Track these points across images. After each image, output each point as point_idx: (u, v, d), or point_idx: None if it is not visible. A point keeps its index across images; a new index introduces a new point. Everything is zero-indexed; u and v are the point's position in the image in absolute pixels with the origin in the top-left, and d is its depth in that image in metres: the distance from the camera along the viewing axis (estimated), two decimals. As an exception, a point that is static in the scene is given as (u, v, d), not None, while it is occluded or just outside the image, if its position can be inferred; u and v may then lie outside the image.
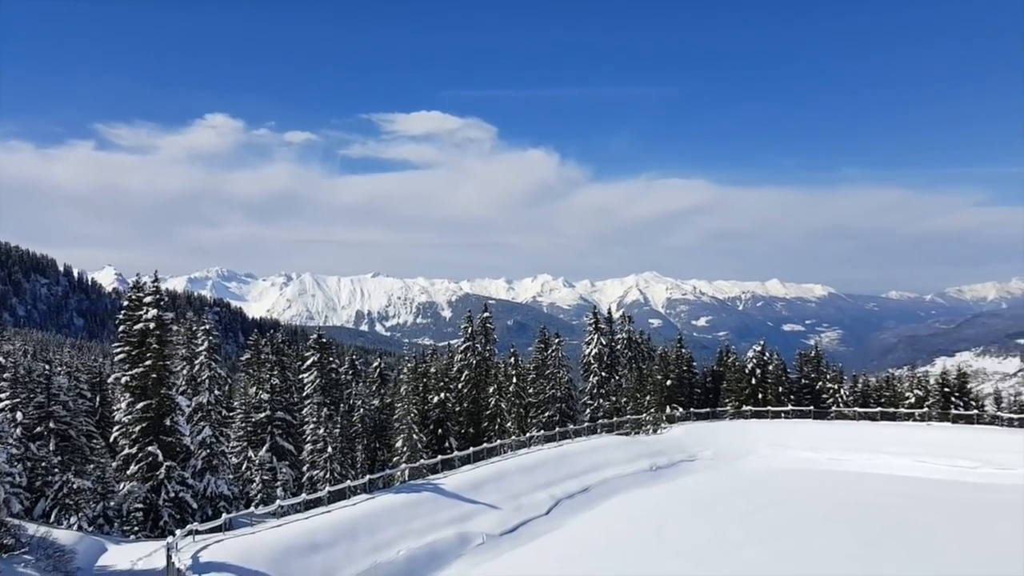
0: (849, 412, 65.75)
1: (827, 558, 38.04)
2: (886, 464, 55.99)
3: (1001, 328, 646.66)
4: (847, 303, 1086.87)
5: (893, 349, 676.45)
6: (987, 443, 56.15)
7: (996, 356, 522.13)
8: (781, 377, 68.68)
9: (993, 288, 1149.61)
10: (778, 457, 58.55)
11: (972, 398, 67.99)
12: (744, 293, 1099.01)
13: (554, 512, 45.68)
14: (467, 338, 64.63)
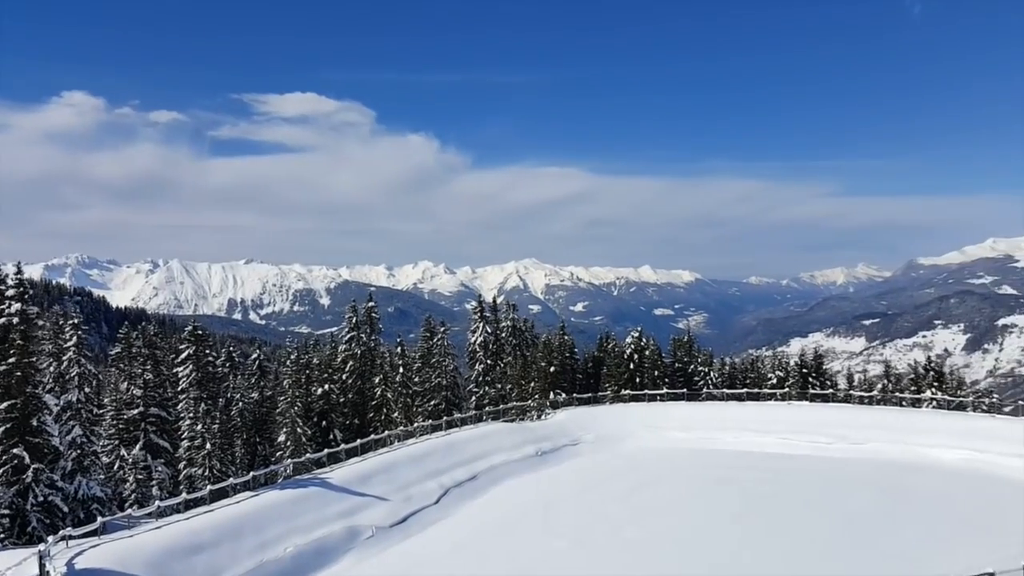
0: (718, 394, 69.70)
1: (701, 534, 40.41)
2: (752, 442, 59.65)
3: (849, 310, 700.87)
4: (712, 288, 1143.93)
5: (753, 331, 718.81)
6: (841, 420, 61.00)
7: (844, 336, 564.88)
8: (657, 362, 71.87)
9: (842, 273, 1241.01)
10: (655, 438, 61.30)
11: (827, 378, 73.60)
12: (618, 279, 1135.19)
13: (444, 501, 46.10)
14: (352, 328, 63.70)
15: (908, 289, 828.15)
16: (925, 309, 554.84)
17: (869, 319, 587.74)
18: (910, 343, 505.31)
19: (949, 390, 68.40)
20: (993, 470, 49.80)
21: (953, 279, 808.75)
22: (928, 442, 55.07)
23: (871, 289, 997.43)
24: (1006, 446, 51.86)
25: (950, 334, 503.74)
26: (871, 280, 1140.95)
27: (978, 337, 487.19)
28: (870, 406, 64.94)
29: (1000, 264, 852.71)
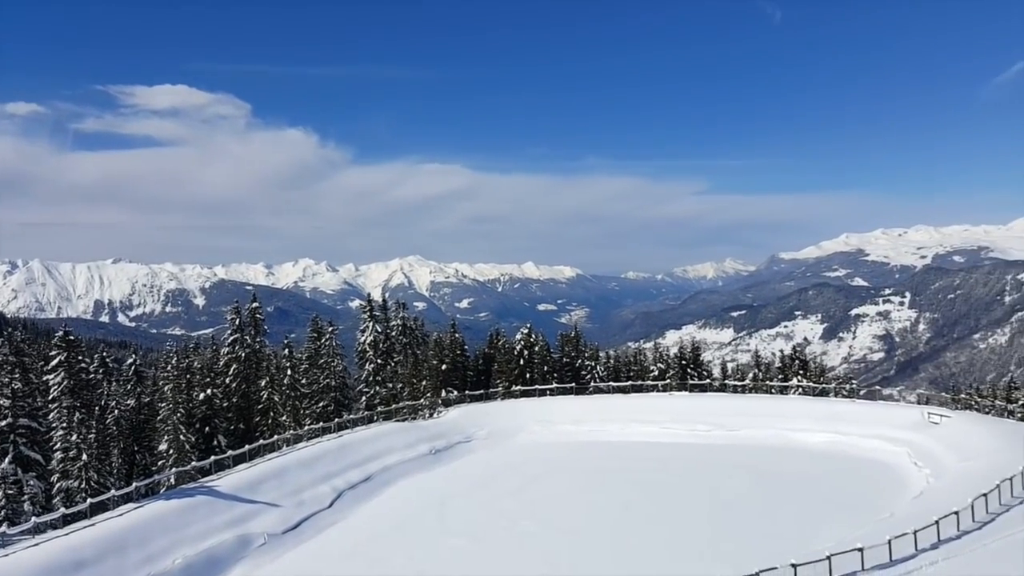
0: (605, 387, 72.01)
1: (594, 522, 41.94)
2: (637, 432, 62.19)
3: (718, 303, 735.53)
4: (592, 283, 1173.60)
5: (631, 324, 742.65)
6: (718, 408, 64.53)
7: (714, 328, 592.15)
8: (546, 357, 73.50)
9: (711, 268, 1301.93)
10: (546, 432, 62.79)
11: (704, 368, 77.51)
12: (503, 275, 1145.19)
13: (337, 504, 45.57)
14: (235, 329, 61.49)
15: (771, 282, 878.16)
16: (786, 301, 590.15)
17: (737, 311, 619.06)
18: (773, 333, 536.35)
19: (813, 377, 73.56)
20: (853, 451, 54.25)
21: (811, 272, 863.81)
22: (796, 427, 59.26)
23: (738, 283, 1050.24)
24: (864, 428, 56.61)
25: (809, 324, 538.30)
26: (738, 274, 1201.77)
27: (834, 326, 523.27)
28: (744, 394, 68.96)
29: (853, 257, 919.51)
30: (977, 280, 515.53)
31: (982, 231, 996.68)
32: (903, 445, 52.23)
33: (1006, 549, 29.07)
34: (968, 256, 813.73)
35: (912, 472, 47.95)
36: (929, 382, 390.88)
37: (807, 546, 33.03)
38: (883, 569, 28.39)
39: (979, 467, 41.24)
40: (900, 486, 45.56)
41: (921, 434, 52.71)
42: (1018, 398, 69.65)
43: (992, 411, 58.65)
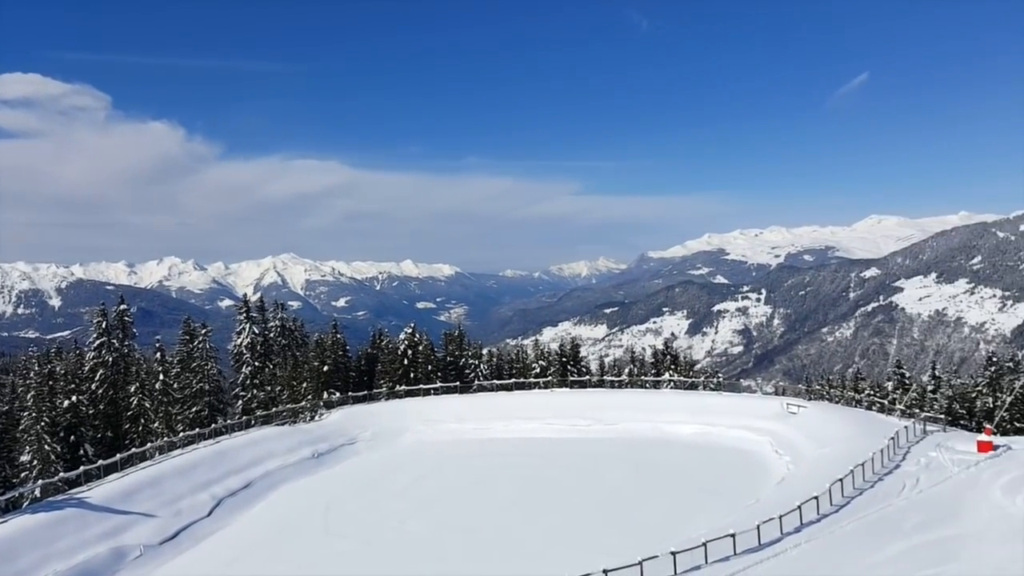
0: (488, 384, 72.98)
1: (482, 519, 42.58)
2: (521, 429, 63.50)
3: (592, 300, 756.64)
4: (471, 281, 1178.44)
5: (509, 322, 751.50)
6: (597, 403, 66.82)
7: (588, 324, 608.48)
8: (430, 356, 73.57)
9: (585, 266, 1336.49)
10: (431, 431, 63.01)
11: (583, 365, 79.90)
12: (381, 273, 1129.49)
13: (217, 512, 44.06)
14: (101, 332, 57.93)
15: (641, 280, 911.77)
16: (655, 298, 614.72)
17: (609, 308, 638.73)
18: (644, 329, 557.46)
19: (684, 372, 77.51)
20: (721, 441, 57.66)
21: (677, 270, 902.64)
22: (669, 419, 62.27)
23: (610, 280, 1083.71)
24: (730, 419, 60.23)
25: (676, 320, 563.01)
26: (610, 272, 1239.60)
27: (698, 321, 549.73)
28: (621, 389, 71.73)
29: (715, 256, 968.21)
30: (825, 278, 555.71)
31: (829, 232, 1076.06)
32: (766, 434, 55.96)
33: (860, 529, 31.97)
34: (817, 255, 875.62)
35: (774, 460, 51.46)
36: (783, 373, 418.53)
37: (683, 533, 34.84)
38: (753, 553, 30.48)
39: (834, 453, 44.89)
40: (764, 473, 48.82)
41: (781, 424, 56.67)
42: (864, 388, 76.20)
43: (842, 401, 63.89)
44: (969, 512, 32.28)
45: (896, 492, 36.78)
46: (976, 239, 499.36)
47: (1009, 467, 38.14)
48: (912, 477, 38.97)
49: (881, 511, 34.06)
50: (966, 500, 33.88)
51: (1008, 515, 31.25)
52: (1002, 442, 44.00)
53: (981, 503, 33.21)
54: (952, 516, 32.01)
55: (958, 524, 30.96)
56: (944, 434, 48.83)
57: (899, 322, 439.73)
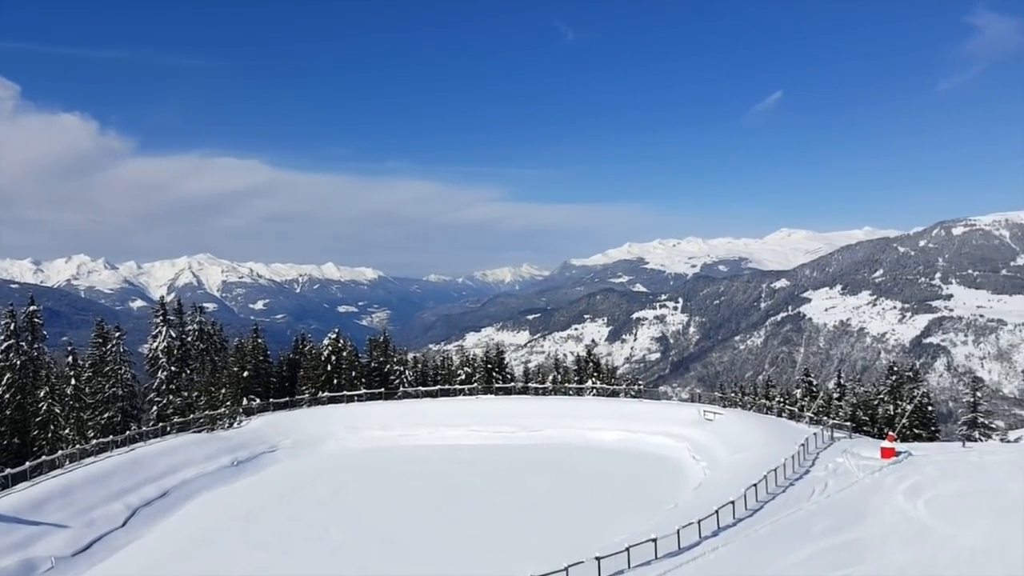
0: (414, 391, 72.69)
1: (406, 527, 42.42)
2: (447, 435, 63.47)
3: (515, 306, 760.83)
4: (395, 285, 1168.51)
5: (432, 327, 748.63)
6: (521, 410, 67.45)
7: (512, 330, 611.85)
8: (354, 362, 72.76)
9: (509, 272, 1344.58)
10: (355, 439, 62.32)
11: (508, 372, 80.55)
12: (301, 276, 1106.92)
13: (132, 522, 42.53)
14: (9, 335, 55.09)
15: (563, 287, 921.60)
16: (577, 305, 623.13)
17: (532, 314, 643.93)
18: (565, 335, 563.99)
19: (605, 379, 79.06)
20: (642, 447, 59.04)
21: (598, 278, 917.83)
22: (592, 426, 63.43)
23: (534, 287, 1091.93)
24: (650, 425, 61.74)
25: (596, 327, 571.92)
26: (533, 279, 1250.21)
27: (618, 328, 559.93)
28: (545, 396, 72.53)
29: (635, 265, 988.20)
30: (738, 288, 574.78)
31: (743, 244, 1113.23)
32: (684, 440, 57.60)
33: (773, 533, 33.47)
34: (731, 266, 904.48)
35: (692, 465, 53.00)
36: (698, 379, 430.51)
37: (607, 538, 35.52)
38: (673, 557, 31.47)
39: (748, 459, 46.70)
40: (682, 478, 50.24)
41: (698, 430, 58.46)
42: (775, 395, 79.45)
43: (754, 408, 66.46)
44: (874, 516, 34.22)
45: (806, 496, 38.60)
46: (879, 253, 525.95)
47: (910, 473, 40.61)
48: (821, 482, 40.96)
49: (792, 515, 35.70)
50: (871, 504, 35.89)
51: (910, 519, 33.31)
52: (903, 448, 46.74)
53: (885, 507, 35.26)
54: (858, 520, 33.87)
55: (864, 527, 32.79)
56: (850, 440, 51.42)
57: (806, 331, 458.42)
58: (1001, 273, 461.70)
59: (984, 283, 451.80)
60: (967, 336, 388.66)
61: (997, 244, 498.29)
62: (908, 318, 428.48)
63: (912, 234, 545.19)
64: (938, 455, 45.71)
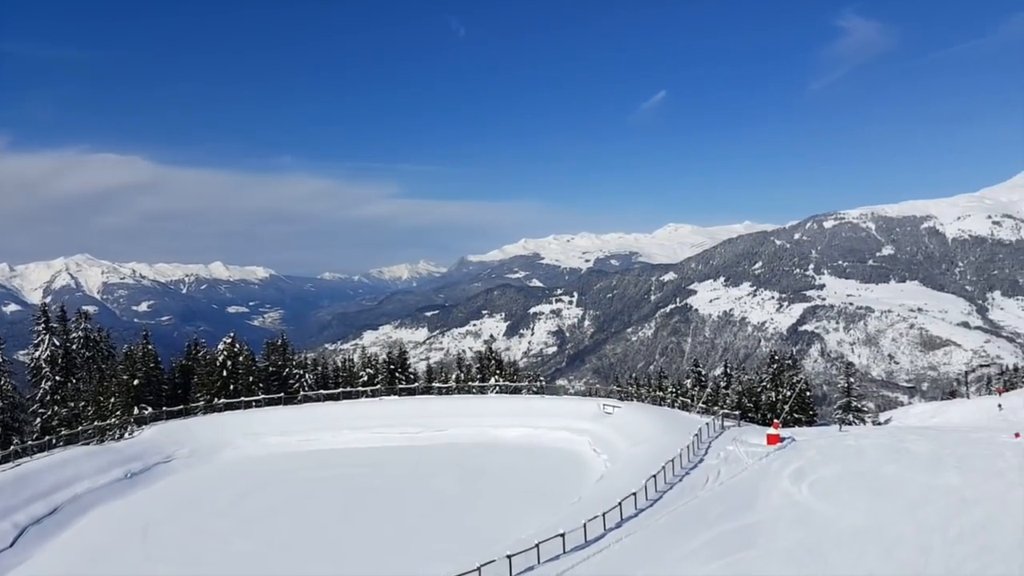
0: (315, 395, 71.58)
1: (311, 535, 41.99)
2: (350, 439, 63.06)
3: (413, 303, 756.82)
4: (287, 284, 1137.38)
5: (328, 326, 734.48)
6: (425, 410, 67.79)
7: (410, 327, 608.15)
8: (251, 367, 70.86)
9: (406, 269, 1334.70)
10: (255, 446, 60.91)
11: (411, 372, 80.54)
12: (188, 276, 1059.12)
13: (21, 542, 40.32)
14: None
15: (461, 283, 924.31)
16: (475, 301, 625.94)
17: (430, 311, 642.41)
18: (464, 331, 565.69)
19: (508, 376, 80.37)
20: (544, 442, 60.60)
21: (495, 274, 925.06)
22: (496, 423, 64.46)
23: (431, 283, 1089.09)
24: (552, 421, 63.44)
25: (494, 322, 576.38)
26: (431, 275, 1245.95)
27: (515, 323, 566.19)
28: (449, 395, 73.03)
29: (531, 261, 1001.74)
30: (629, 281, 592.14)
31: (633, 239, 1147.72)
32: (585, 435, 59.49)
33: (672, 522, 35.29)
34: (622, 260, 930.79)
35: (593, 458, 54.87)
36: (593, 371, 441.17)
37: (514, 534, 36.63)
38: (581, 550, 32.67)
39: (647, 450, 48.80)
40: (585, 472, 51.93)
41: (599, 424, 60.49)
42: (667, 386, 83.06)
43: (648, 399, 69.35)
44: (763, 500, 36.68)
45: (701, 485, 40.86)
46: (758, 246, 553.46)
47: (794, 458, 43.61)
48: (714, 470, 43.40)
49: (689, 503, 37.77)
50: (760, 490, 38.40)
51: (795, 502, 35.92)
52: (787, 434, 50.07)
53: (772, 491, 37.83)
54: (749, 505, 36.22)
55: (754, 512, 35.11)
56: (739, 428, 54.52)
57: (693, 322, 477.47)
58: (868, 263, 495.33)
59: (853, 273, 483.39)
60: (838, 323, 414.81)
61: (864, 236, 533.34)
62: (785, 307, 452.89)
63: (787, 228, 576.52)
64: (818, 439, 49.14)
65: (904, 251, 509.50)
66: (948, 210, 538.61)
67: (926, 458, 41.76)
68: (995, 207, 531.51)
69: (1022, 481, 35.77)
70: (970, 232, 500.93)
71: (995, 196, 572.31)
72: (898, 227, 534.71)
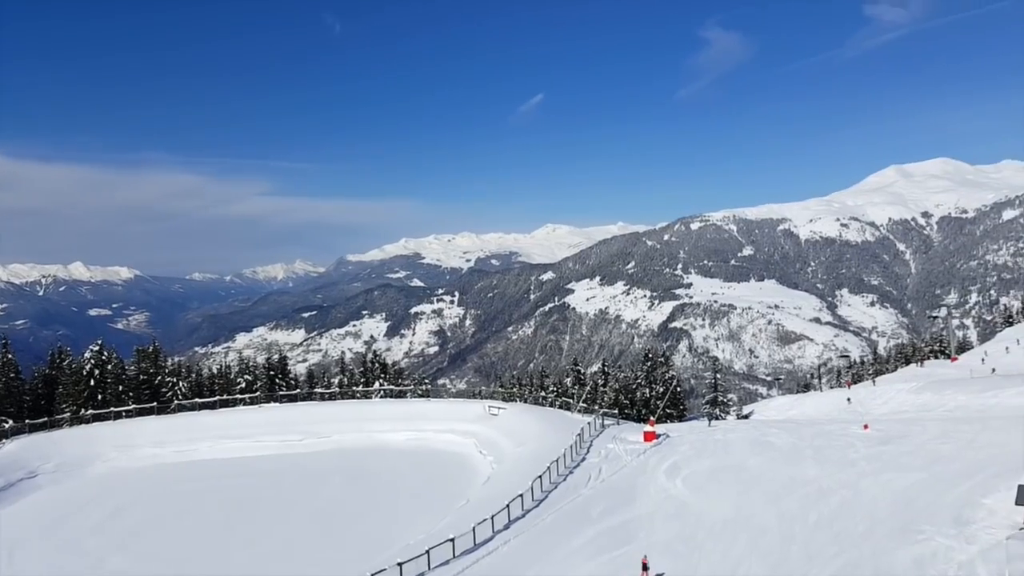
0: (190, 404, 68.89)
1: (191, 549, 40.60)
2: (228, 449, 61.16)
3: (289, 304, 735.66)
4: (154, 285, 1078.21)
5: (198, 328, 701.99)
6: (308, 417, 66.68)
7: (286, 329, 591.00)
8: (121, 375, 67.42)
9: (282, 269, 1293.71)
10: (128, 458, 58.14)
11: (292, 377, 79.02)
12: (45, 277, 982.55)
13: None
14: None
15: (340, 283, 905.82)
16: (354, 301, 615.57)
17: (307, 312, 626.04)
18: (343, 332, 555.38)
19: (392, 379, 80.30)
20: (431, 446, 61.11)
21: (376, 274, 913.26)
22: (381, 428, 64.47)
23: (308, 284, 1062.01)
24: (438, 424, 64.09)
25: (375, 323, 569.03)
26: (308, 275, 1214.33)
27: (396, 324, 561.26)
28: (332, 401, 72.27)
29: (411, 260, 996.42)
30: (510, 281, 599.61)
31: (513, 239, 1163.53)
32: (471, 437, 60.42)
33: (558, 520, 36.85)
34: (503, 260, 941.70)
35: (480, 460, 55.80)
36: (475, 371, 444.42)
37: (404, 540, 37.05)
38: (470, 553, 33.50)
39: (531, 451, 50.37)
40: (472, 474, 52.74)
41: (484, 426, 61.62)
42: (549, 385, 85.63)
43: (531, 399, 71.31)
44: (641, 496, 38.91)
45: (584, 483, 42.74)
46: (631, 247, 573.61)
47: (669, 453, 46.36)
48: (596, 468, 45.46)
49: (573, 502, 39.50)
50: (638, 486, 40.67)
51: (671, 496, 38.33)
52: (662, 431, 52.99)
53: (650, 487, 40.17)
54: (629, 501, 38.34)
55: (634, 508, 37.23)
56: (618, 426, 57.17)
57: (571, 320, 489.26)
58: (730, 263, 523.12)
59: (717, 272, 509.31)
60: (704, 320, 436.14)
61: (727, 237, 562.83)
62: (656, 305, 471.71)
63: (658, 229, 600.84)
64: (690, 435, 52.33)
65: (763, 251, 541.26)
66: (801, 213, 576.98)
67: (787, 450, 45.45)
68: (843, 210, 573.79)
69: (872, 470, 39.65)
70: (821, 234, 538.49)
71: (843, 200, 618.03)
72: (757, 229, 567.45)
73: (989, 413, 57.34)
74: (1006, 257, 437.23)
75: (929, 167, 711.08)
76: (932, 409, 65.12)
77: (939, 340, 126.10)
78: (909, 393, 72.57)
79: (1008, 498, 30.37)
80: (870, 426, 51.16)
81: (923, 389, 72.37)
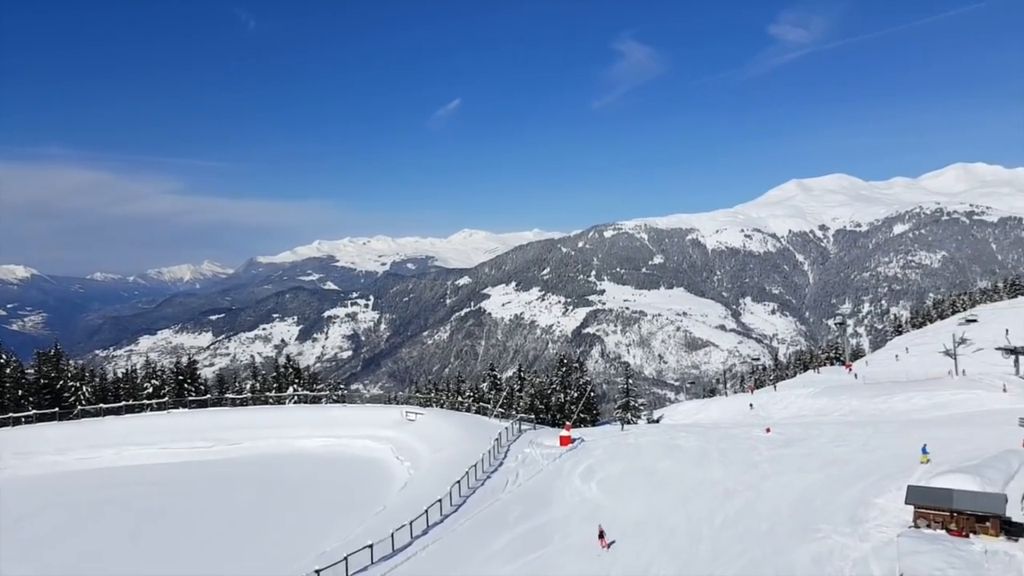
0: (94, 409, 66.20)
1: (95, 561, 39.15)
2: (134, 455, 59.18)
3: (196, 306, 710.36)
4: (52, 285, 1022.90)
5: (99, 330, 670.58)
6: (218, 423, 65.12)
7: (192, 332, 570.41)
8: (20, 379, 64.22)
9: (189, 270, 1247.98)
10: (28, 466, 55.52)
11: (202, 382, 76.89)
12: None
13: None
14: None
15: (250, 285, 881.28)
16: (265, 304, 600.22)
17: (215, 314, 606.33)
18: (253, 335, 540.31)
19: (307, 385, 79.20)
20: (347, 452, 60.69)
21: (287, 276, 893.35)
22: (296, 434, 63.61)
23: (216, 285, 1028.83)
24: (355, 430, 63.73)
25: (286, 326, 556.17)
26: (216, 277, 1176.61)
27: (308, 327, 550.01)
28: (244, 407, 70.76)
29: (325, 263, 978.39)
30: (426, 285, 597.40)
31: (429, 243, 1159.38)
32: (388, 442, 60.37)
33: (476, 525, 37.41)
34: (419, 264, 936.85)
35: (397, 466, 55.74)
36: (389, 375, 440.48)
37: (321, 548, 36.82)
38: (388, 560, 33.62)
39: (449, 456, 50.78)
40: (389, 480, 52.60)
41: (401, 431, 61.67)
42: (465, 390, 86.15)
43: (448, 404, 71.65)
44: (558, 499, 39.96)
45: (502, 487, 43.47)
46: (546, 253, 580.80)
47: (583, 457, 47.66)
48: (513, 472, 46.28)
49: (491, 506, 40.16)
50: (555, 489, 41.73)
51: (586, 500, 39.51)
52: (577, 435, 54.35)
53: (566, 490, 41.28)
54: (546, 504, 39.32)
55: (550, 511, 38.23)
56: (535, 431, 58.21)
57: (487, 325, 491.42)
58: (642, 271, 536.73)
59: (629, 279, 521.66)
60: (616, 326, 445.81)
61: (639, 246, 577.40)
62: (570, 311, 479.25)
63: (572, 236, 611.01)
64: (603, 439, 53.87)
65: (672, 260, 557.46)
66: (708, 224, 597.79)
67: (694, 453, 47.48)
68: (747, 222, 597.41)
69: (773, 472, 41.93)
70: (726, 244, 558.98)
71: (747, 212, 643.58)
72: (667, 238, 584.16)
73: (880, 417, 61.31)
74: (896, 269, 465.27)
75: (827, 182, 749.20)
76: (829, 413, 69.07)
77: (835, 347, 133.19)
78: (808, 398, 76.60)
79: (898, 498, 32.82)
80: (772, 430, 53.91)
81: (820, 394, 76.53)
